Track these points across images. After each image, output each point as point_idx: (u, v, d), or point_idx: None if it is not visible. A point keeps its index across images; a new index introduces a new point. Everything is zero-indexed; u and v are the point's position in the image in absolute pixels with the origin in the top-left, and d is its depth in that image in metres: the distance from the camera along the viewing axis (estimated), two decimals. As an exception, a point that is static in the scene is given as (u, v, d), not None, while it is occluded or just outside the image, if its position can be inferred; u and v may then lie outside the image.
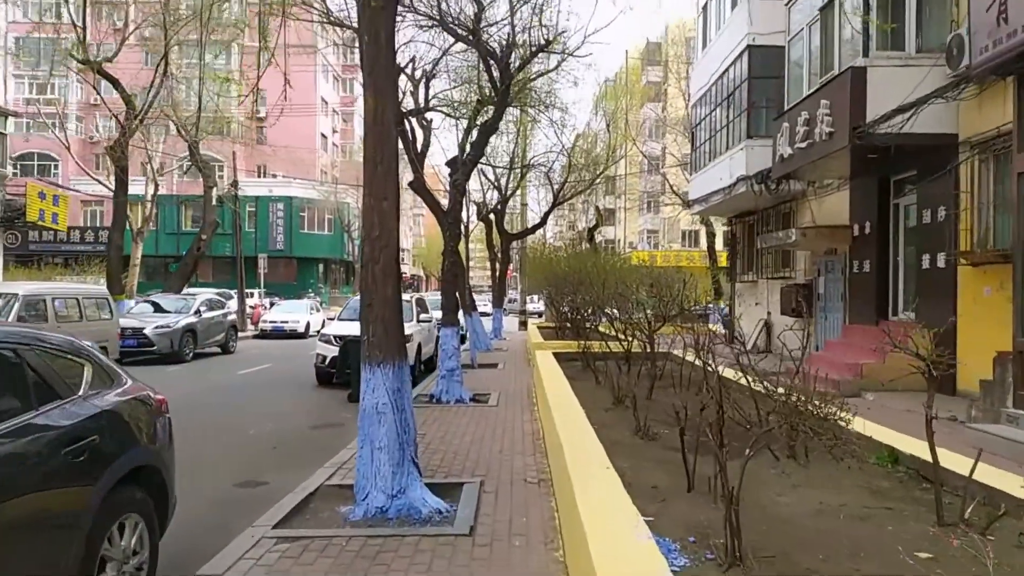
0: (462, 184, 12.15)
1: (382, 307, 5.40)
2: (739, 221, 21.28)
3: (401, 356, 5.51)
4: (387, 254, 5.41)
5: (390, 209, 5.40)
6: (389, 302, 5.42)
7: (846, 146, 10.97)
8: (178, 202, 48.43)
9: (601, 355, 11.52)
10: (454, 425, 9.04)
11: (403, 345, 5.57)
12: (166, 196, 47.22)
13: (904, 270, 12.70)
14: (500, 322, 26.01)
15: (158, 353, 17.74)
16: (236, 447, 8.61)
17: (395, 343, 5.44)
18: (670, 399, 8.92)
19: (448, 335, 11.47)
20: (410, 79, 19.10)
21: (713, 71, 18.92)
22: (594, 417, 7.11)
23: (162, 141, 35.00)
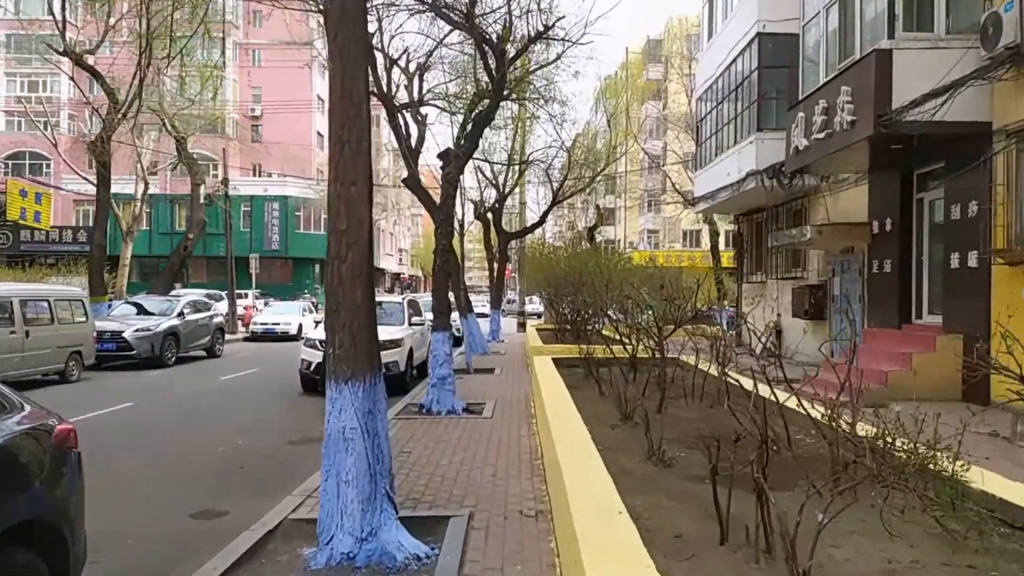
0: (455, 177, 11.30)
1: (350, 314, 4.55)
2: (746, 219, 20.44)
3: (374, 371, 4.66)
4: (356, 251, 4.56)
5: (360, 196, 4.55)
6: (359, 308, 4.57)
7: (870, 135, 10.13)
8: (171, 201, 47.61)
9: (604, 361, 10.67)
10: (443, 441, 8.18)
11: (376, 357, 4.72)
12: (159, 195, 46.46)
13: (929, 270, 11.85)
14: (498, 324, 25.16)
15: (138, 357, 16.89)
16: (200, 466, 7.75)
17: (366, 356, 4.59)
18: (682, 412, 8.08)
19: (439, 340, 10.62)
20: (404, 72, 18.31)
21: (720, 62, 18.08)
22: (599, 436, 6.26)
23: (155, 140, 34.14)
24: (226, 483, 7.09)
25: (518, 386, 13.31)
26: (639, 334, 9.02)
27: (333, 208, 4.56)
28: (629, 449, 6.01)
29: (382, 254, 66.15)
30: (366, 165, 4.60)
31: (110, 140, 20.29)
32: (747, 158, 15.94)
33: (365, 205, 4.59)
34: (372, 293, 4.72)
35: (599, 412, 7.81)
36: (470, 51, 19.08)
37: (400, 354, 13.41)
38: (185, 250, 23.54)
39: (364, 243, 4.61)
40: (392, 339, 13.33)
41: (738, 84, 16.86)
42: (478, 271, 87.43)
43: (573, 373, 11.19)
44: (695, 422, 7.34)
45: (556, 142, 28.10)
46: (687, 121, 32.02)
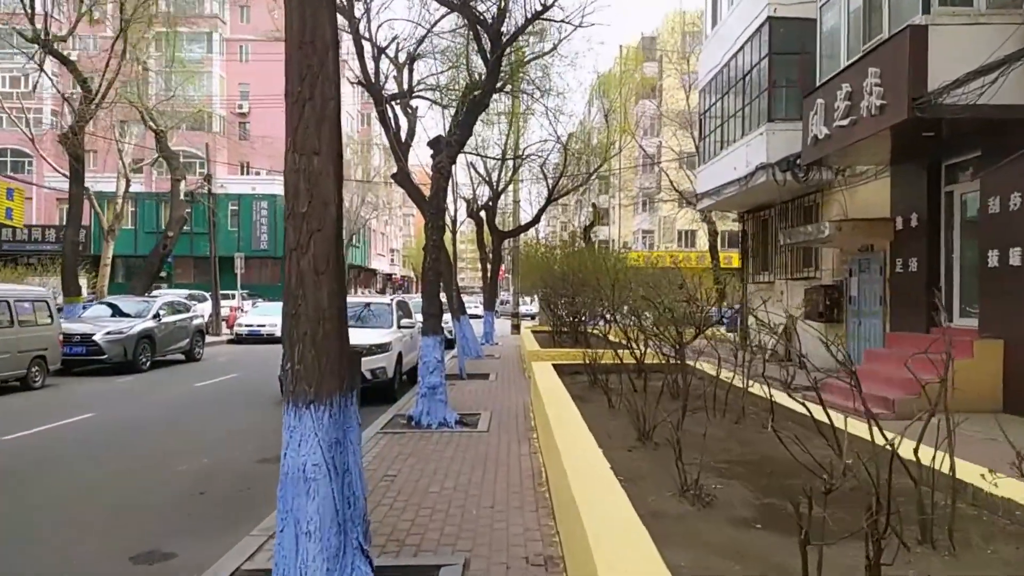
0: (446, 167, 10.34)
1: (313, 320, 3.59)
2: (751, 216, 19.54)
3: (344, 391, 3.70)
4: (321, 241, 3.60)
5: (325, 171, 3.59)
6: (324, 312, 3.61)
7: (904, 120, 9.21)
8: (157, 200, 46.47)
9: (609, 367, 9.73)
10: (434, 461, 7.21)
11: (346, 373, 3.75)
12: (145, 193, 45.37)
13: (961, 269, 10.96)
14: (492, 326, 24.21)
15: (109, 362, 15.85)
16: (155, 491, 6.76)
17: (334, 372, 3.63)
18: (705, 429, 7.15)
19: (430, 345, 9.65)
20: (393, 62, 17.38)
21: (726, 50, 17.16)
22: (616, 461, 5.30)
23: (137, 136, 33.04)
24: (180, 514, 6.10)
25: (515, 393, 12.36)
26: (654, 338, 8.06)
27: (291, 186, 3.60)
28: (654, 479, 5.06)
29: (373, 254, 65.13)
30: (333, 131, 3.64)
31: (83, 132, 19.21)
32: (757, 151, 15.03)
33: (332, 182, 3.63)
34: (342, 293, 3.76)
35: (611, 429, 6.85)
36: (462, 39, 18.19)
37: (388, 359, 12.44)
38: (165, 248, 22.47)
39: (331, 230, 3.64)
40: (379, 343, 12.37)
41: (746, 73, 15.96)
42: (471, 272, 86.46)
43: (576, 381, 10.24)
44: (722, 442, 6.41)
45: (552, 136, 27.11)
46: (685, 118, 31.16)
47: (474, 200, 25.77)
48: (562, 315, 18.28)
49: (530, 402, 11.08)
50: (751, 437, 6.72)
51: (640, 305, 8.12)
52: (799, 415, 7.54)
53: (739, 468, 5.48)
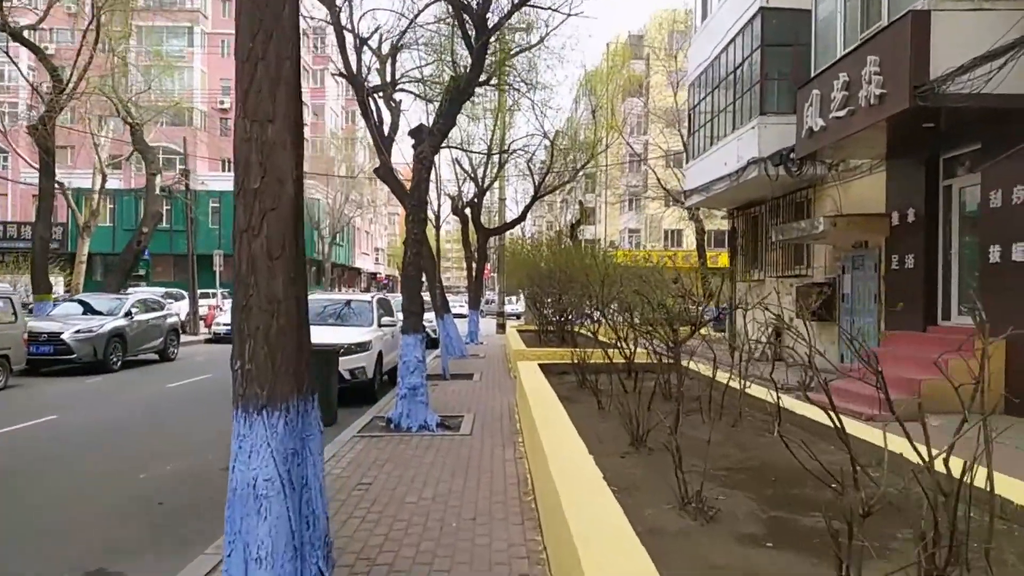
0: (428, 157, 9.87)
1: (267, 314, 3.13)
2: (741, 213, 19.20)
3: (304, 394, 3.24)
4: (276, 222, 3.14)
5: (280, 141, 3.13)
6: (279, 304, 3.15)
7: (905, 109, 8.85)
8: (136, 196, 45.59)
9: (598, 367, 9.31)
10: (412, 468, 6.75)
11: (306, 373, 3.29)
12: (123, 190, 44.54)
13: (960, 265, 10.63)
14: (476, 325, 23.74)
15: (79, 362, 15.24)
16: (111, 502, 6.26)
17: (290, 373, 3.17)
18: (701, 433, 6.68)
19: (411, 344, 9.18)
20: (375, 53, 16.91)
21: (716, 43, 16.80)
22: (608, 469, 4.87)
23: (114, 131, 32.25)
24: (136, 527, 5.61)
25: (500, 394, 11.92)
26: (647, 336, 7.63)
27: (241, 158, 3.14)
28: (651, 489, 4.63)
29: (358, 253, 64.44)
30: (291, 96, 3.18)
31: (53, 124, 18.54)
32: (748, 145, 14.67)
33: (289, 155, 3.17)
34: (301, 282, 3.29)
35: (601, 433, 6.42)
36: (447, 29, 17.75)
37: (368, 359, 11.95)
38: (139, 244, 21.81)
39: (288, 210, 3.18)
40: (359, 342, 11.88)
41: (737, 66, 15.60)
42: (457, 271, 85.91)
43: (563, 381, 9.80)
44: (720, 447, 5.97)
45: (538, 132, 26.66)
46: (673, 115, 30.85)
47: (459, 197, 25.30)
48: (548, 314, 17.86)
49: (515, 403, 10.64)
50: (750, 441, 6.31)
51: (633, 301, 7.68)
52: (799, 417, 7.16)
53: (740, 476, 5.07)
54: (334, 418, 9.90)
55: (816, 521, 4.09)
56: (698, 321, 6.59)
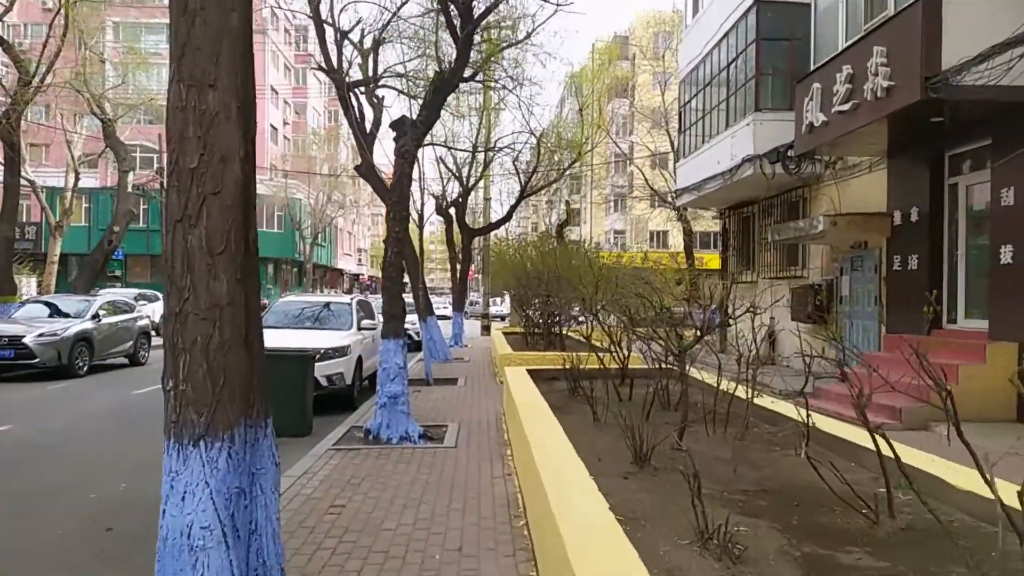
0: (411, 152, 9.29)
1: (206, 323, 2.55)
2: (732, 213, 18.75)
3: (252, 419, 2.65)
4: (219, 209, 2.56)
5: (223, 110, 2.55)
6: (222, 311, 2.56)
7: (916, 101, 8.38)
8: (113, 195, 44.55)
9: (589, 372, 8.77)
10: (391, 487, 6.16)
11: (259, 394, 2.70)
12: (99, 189, 43.48)
13: (967, 266, 10.20)
14: (461, 327, 23.15)
15: (41, 366, 14.49)
16: (54, 526, 5.62)
17: (235, 395, 2.57)
18: (706, 447, 6.16)
19: (391, 349, 8.59)
20: (356, 48, 16.34)
21: (709, 38, 16.34)
22: (612, 493, 4.33)
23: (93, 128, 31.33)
24: (77, 556, 4.98)
25: (486, 401, 11.34)
26: (646, 341, 7.09)
27: (175, 132, 2.56)
28: (663, 519, 4.08)
29: (340, 254, 63.57)
30: (238, 55, 2.60)
31: (18, 118, 17.74)
32: (743, 142, 14.20)
33: (235, 127, 2.59)
34: (252, 284, 2.71)
35: (600, 448, 5.86)
36: (431, 24, 17.21)
37: (346, 364, 11.33)
38: (110, 244, 21.02)
39: (234, 196, 2.60)
40: (337, 346, 11.26)
41: (731, 61, 15.14)
42: (440, 272, 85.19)
43: (553, 388, 9.25)
44: (729, 464, 5.44)
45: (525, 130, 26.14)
46: (659, 115, 30.45)
47: (443, 196, 24.71)
48: (535, 316, 17.33)
49: (502, 411, 10.08)
50: (761, 457, 5.78)
51: (634, 304, 7.14)
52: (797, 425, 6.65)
53: (760, 501, 4.53)
54: (309, 428, 9.30)
55: (856, 559, 3.57)
56: (704, 326, 6.03)
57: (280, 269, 52.40)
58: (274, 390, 9.09)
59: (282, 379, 9.10)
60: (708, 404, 6.71)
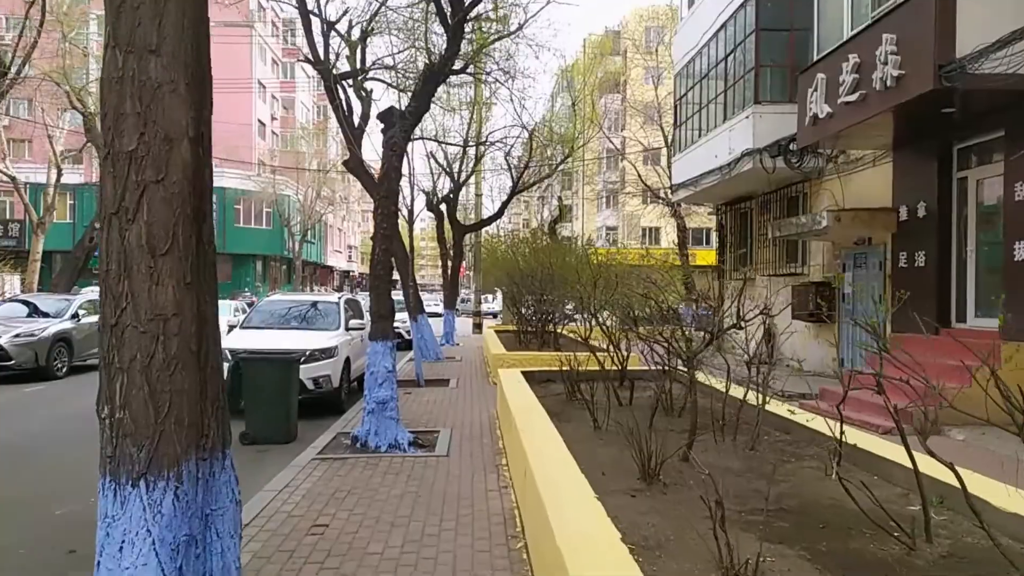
0: (399, 144, 8.84)
1: (147, 337, 2.12)
2: (729, 209, 18.38)
3: (205, 451, 2.22)
4: (163, 198, 2.15)
5: (168, 80, 2.11)
6: (167, 323, 2.13)
7: (930, 91, 8.00)
8: (97, 191, 43.84)
9: (586, 374, 8.37)
10: (379, 502, 5.73)
11: (218, 419, 2.27)
12: (83, 185, 42.78)
13: (978, 263, 9.85)
14: (452, 325, 22.73)
15: (18, 368, 13.98)
16: (13, 543, 5.17)
17: (183, 422, 2.15)
18: (716, 458, 5.77)
19: (379, 352, 8.16)
20: (343, 38, 15.88)
21: (706, 29, 15.95)
22: (622, 519, 3.93)
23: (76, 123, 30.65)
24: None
25: (479, 403, 10.93)
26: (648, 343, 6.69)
27: (110, 107, 2.12)
28: (679, 547, 3.68)
29: (330, 251, 62.96)
30: (188, 18, 2.17)
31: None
32: (741, 136, 13.82)
33: (183, 103, 2.17)
34: (206, 290, 2.28)
35: (603, 460, 5.46)
36: (420, 15, 16.77)
37: (334, 366, 10.89)
38: (91, 241, 20.44)
39: (182, 184, 2.18)
40: (323, 348, 10.82)
41: (728, 52, 14.75)
42: (431, 269, 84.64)
43: (549, 391, 8.84)
44: (742, 478, 5.06)
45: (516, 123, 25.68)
46: (652, 109, 30.06)
47: (434, 192, 24.25)
48: (528, 314, 16.93)
49: (496, 415, 9.67)
50: (776, 470, 5.39)
51: (638, 303, 6.73)
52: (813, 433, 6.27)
53: (781, 523, 4.13)
54: (293, 435, 8.87)
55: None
56: (716, 328, 5.63)
57: (269, 267, 51.82)
58: (256, 395, 8.73)
59: (265, 383, 8.69)
60: (714, 409, 6.30)
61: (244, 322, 12.51)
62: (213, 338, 2.31)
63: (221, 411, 2.31)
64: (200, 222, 2.25)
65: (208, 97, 2.33)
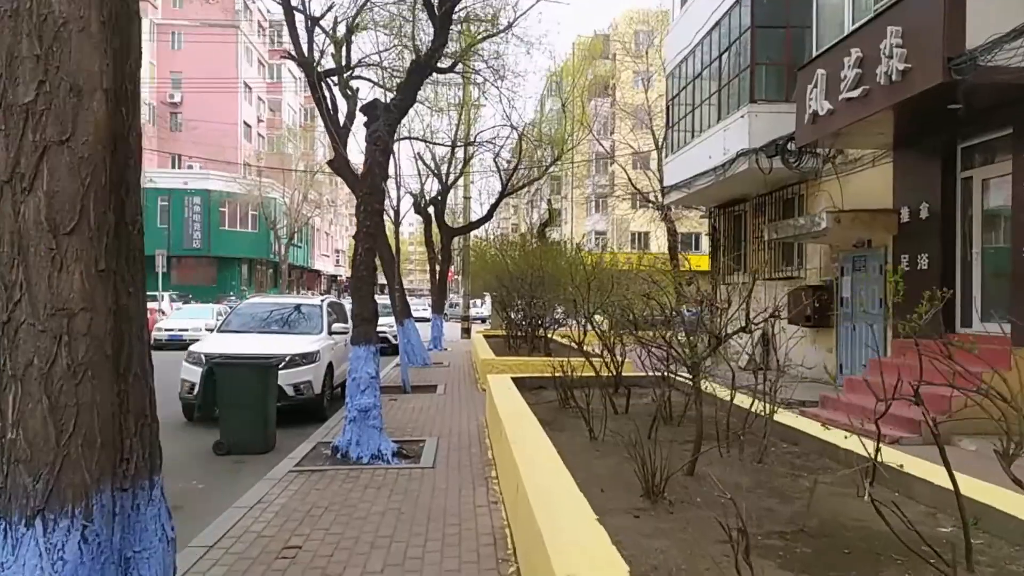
0: (383, 138, 8.40)
1: (48, 337, 1.69)
2: (722, 212, 18.05)
3: (125, 479, 1.79)
4: (68, 163, 1.69)
5: (73, 16, 1.67)
6: (72, 321, 1.69)
7: (938, 85, 7.67)
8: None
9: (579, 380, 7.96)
10: (358, 520, 5.29)
11: (144, 441, 1.83)
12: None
13: (983, 266, 9.52)
14: (440, 330, 22.26)
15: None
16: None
17: (94, 445, 1.71)
18: (724, 472, 5.36)
19: (362, 357, 7.71)
20: (328, 36, 15.49)
21: (699, 28, 15.63)
22: (628, 544, 3.54)
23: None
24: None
25: (467, 411, 10.50)
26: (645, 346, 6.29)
27: (2, 46, 1.67)
28: None
29: (317, 255, 62.30)
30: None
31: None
32: (737, 135, 13.48)
33: (97, 46, 1.72)
34: (131, 280, 1.84)
35: (600, 473, 5.05)
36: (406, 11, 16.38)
37: (315, 371, 10.43)
38: None
39: (94, 146, 1.73)
40: (304, 352, 10.36)
41: (723, 51, 14.43)
42: (419, 273, 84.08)
43: (541, 398, 8.43)
44: (755, 496, 4.65)
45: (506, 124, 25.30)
46: (642, 112, 29.78)
47: (421, 194, 23.80)
48: (517, 319, 16.54)
49: (485, 423, 9.24)
50: (787, 486, 4.98)
51: (639, 306, 6.33)
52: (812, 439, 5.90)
53: (803, 547, 3.73)
54: (271, 444, 8.41)
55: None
56: (722, 333, 5.24)
57: (255, 270, 51.14)
58: (232, 402, 8.24)
59: (241, 389, 8.23)
60: (717, 419, 5.89)
61: (222, 325, 12.02)
62: (138, 338, 1.88)
63: (148, 428, 1.88)
64: (122, 196, 1.83)
65: (134, 44, 1.92)
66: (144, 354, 1.96)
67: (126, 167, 1.87)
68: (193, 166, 46.72)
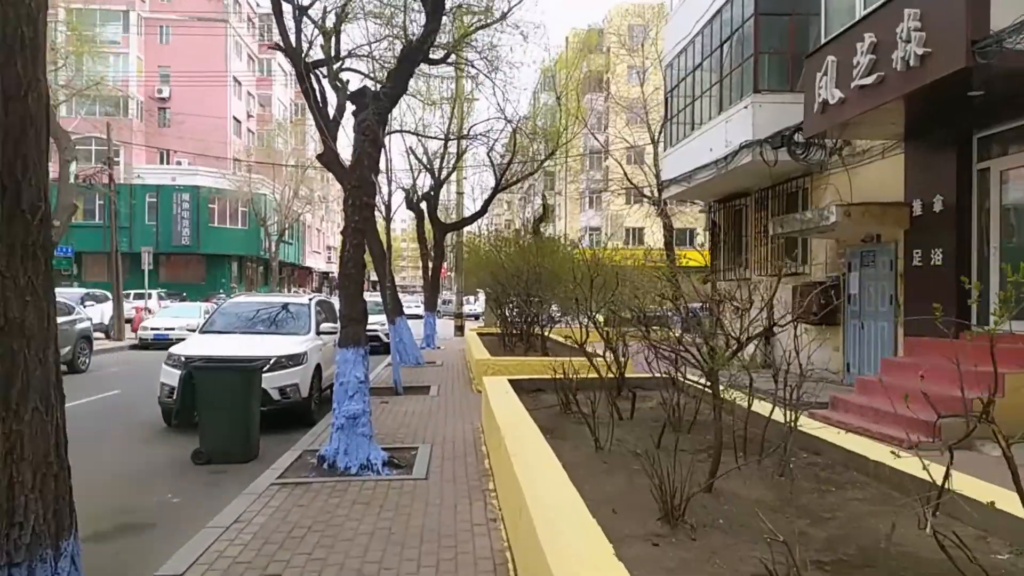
0: (372, 128, 7.93)
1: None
2: (722, 206, 17.62)
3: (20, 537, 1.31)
4: None
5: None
6: None
7: (961, 70, 7.24)
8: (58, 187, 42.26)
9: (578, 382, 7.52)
10: (344, 541, 4.83)
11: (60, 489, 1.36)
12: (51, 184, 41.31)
13: (1002, 261, 9.11)
14: (433, 328, 21.79)
15: None
16: None
17: None
18: (744, 488, 4.95)
19: (349, 360, 7.23)
20: (317, 26, 14.95)
21: (699, 17, 15.18)
22: (642, 570, 3.10)
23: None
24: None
25: (462, 414, 10.05)
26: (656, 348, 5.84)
27: None
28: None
29: (308, 252, 61.65)
30: None
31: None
32: (740, 127, 13.05)
33: None
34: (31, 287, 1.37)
35: (611, 491, 4.60)
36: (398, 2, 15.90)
37: (302, 374, 9.95)
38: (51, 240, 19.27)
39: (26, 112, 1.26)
40: (290, 354, 9.88)
41: (725, 40, 13.98)
42: (411, 270, 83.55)
43: (540, 402, 7.98)
44: (779, 513, 4.22)
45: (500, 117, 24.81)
46: (639, 104, 29.34)
47: (413, 189, 23.30)
48: (512, 316, 16.10)
49: (480, 428, 8.79)
50: (814, 502, 4.54)
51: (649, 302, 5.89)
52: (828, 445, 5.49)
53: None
54: (254, 452, 7.94)
55: None
56: (744, 336, 4.80)
57: (245, 267, 50.51)
58: (212, 407, 7.74)
59: (222, 394, 7.75)
60: (729, 424, 5.45)
61: (204, 326, 11.51)
62: (39, 361, 1.43)
63: (53, 480, 1.42)
64: (16, 175, 1.37)
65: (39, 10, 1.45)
66: (49, 382, 1.50)
67: (22, 137, 1.41)
68: (182, 162, 46.02)
